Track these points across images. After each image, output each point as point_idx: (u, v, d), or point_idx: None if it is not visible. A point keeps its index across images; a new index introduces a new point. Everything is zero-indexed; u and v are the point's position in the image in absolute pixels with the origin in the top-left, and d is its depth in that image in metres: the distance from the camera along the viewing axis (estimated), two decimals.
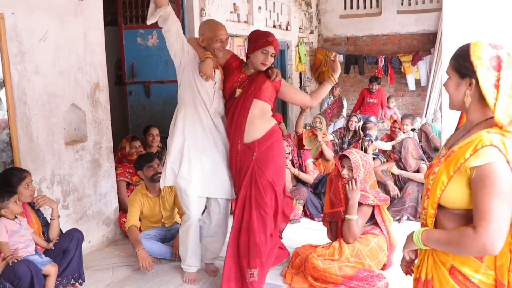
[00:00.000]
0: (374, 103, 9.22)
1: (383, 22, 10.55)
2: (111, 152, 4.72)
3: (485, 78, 1.60)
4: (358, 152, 3.76)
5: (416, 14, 10.27)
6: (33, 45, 3.78)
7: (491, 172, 1.54)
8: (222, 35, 3.40)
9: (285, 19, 9.39)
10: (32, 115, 3.81)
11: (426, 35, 10.27)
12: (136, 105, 6.50)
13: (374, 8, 10.67)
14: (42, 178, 3.93)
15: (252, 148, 3.41)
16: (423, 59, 10.07)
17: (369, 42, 10.81)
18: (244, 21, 7.78)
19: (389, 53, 10.49)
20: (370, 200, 3.60)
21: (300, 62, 10.03)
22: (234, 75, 3.51)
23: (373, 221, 3.73)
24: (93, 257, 4.29)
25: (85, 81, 4.33)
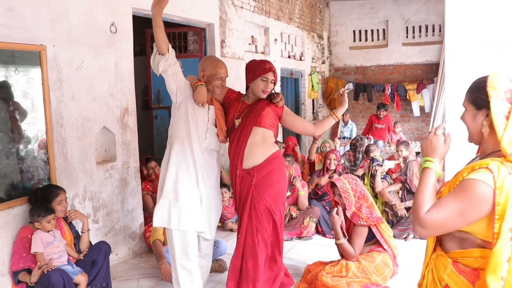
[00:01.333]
0: (381, 128, 9.20)
1: (389, 53, 10.61)
2: (138, 172, 4.79)
3: (498, 108, 1.55)
4: (346, 178, 3.79)
5: (420, 46, 10.34)
6: (70, 74, 3.90)
7: (473, 187, 1.51)
8: (223, 73, 3.32)
9: (299, 50, 9.50)
10: (67, 136, 3.91)
11: (429, 65, 10.30)
12: (161, 128, 6.59)
13: (381, 41, 10.75)
14: (75, 194, 4.01)
15: (252, 173, 3.29)
16: (427, 87, 10.11)
17: (376, 71, 10.86)
18: (262, 52, 7.89)
19: (395, 81, 10.52)
20: (362, 221, 3.63)
21: (313, 90, 10.09)
22: (233, 107, 3.42)
23: (376, 239, 3.72)
24: (120, 268, 4.32)
25: (115, 106, 4.43)
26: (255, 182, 3.26)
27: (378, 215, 3.67)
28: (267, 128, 3.33)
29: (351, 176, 3.83)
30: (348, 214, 3.65)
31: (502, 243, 1.48)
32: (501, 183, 1.49)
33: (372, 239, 3.69)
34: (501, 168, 1.51)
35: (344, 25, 10.95)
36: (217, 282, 3.96)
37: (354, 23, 10.91)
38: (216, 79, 3.30)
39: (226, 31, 6.54)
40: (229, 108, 3.44)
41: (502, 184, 1.48)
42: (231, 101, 3.46)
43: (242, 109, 3.39)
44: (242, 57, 7.13)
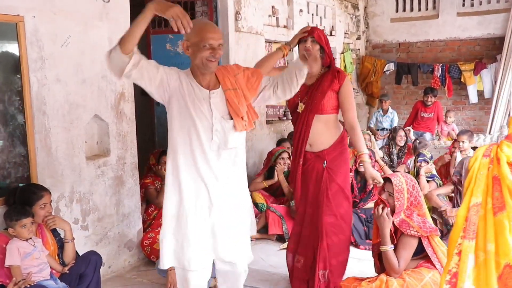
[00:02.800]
0: (429, 117, 9.06)
1: (440, 26, 10.39)
2: (136, 168, 4.77)
3: None
4: (405, 176, 3.67)
5: (479, 16, 10.05)
6: (54, 51, 3.87)
7: None
8: (212, 38, 2.79)
9: (329, 23, 9.37)
10: (51, 126, 3.89)
11: (491, 40, 10.03)
12: (163, 117, 6.51)
13: (430, 10, 10.52)
14: (60, 195, 3.99)
15: (322, 156, 3.78)
16: (488, 67, 9.83)
17: (424, 48, 10.67)
18: (284, 25, 7.79)
19: (447, 61, 10.30)
20: (413, 230, 3.49)
21: (346, 71, 9.97)
22: None
23: (425, 253, 3.61)
24: (113, 284, 4.31)
25: (109, 91, 4.40)
26: (327, 165, 3.77)
27: (432, 226, 3.55)
28: (329, 113, 3.77)
29: (410, 177, 3.71)
30: (396, 221, 3.54)
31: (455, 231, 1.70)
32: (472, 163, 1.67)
33: (421, 253, 3.58)
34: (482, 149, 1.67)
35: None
36: None
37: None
38: (203, 48, 2.79)
39: (242, 1, 6.47)
40: None
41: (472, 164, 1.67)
42: None
43: (303, 91, 3.72)
44: (261, 32, 7.05)
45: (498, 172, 1.54)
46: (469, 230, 1.54)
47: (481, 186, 1.54)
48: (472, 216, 1.53)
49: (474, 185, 1.56)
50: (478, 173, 1.56)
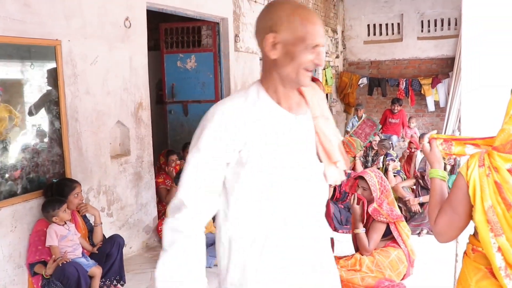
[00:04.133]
0: (396, 123, 9.11)
1: (404, 48, 10.45)
2: (152, 166, 4.80)
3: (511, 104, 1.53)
4: (373, 171, 3.74)
5: (435, 40, 10.16)
6: (85, 69, 3.91)
7: (455, 179, 1.59)
8: (319, 36, 1.44)
9: None
10: (82, 130, 3.92)
11: (444, 60, 10.13)
12: (175, 123, 6.60)
13: (396, 35, 10.59)
14: (89, 188, 4.03)
15: None
16: (442, 82, 9.92)
17: (391, 66, 10.72)
18: None
19: (410, 76, 10.37)
20: (382, 217, 3.57)
21: (327, 84, 10.01)
22: None
23: (392, 236, 3.68)
24: (134, 261, 4.34)
25: (129, 101, 4.43)
26: None
27: (398, 213, 3.62)
28: None
29: (376, 171, 3.78)
30: (370, 209, 3.61)
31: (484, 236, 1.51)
32: (470, 174, 1.53)
33: (388, 235, 3.65)
34: (475, 160, 1.54)
35: (358, 19, 10.81)
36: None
37: (368, 17, 10.77)
38: (306, 49, 1.43)
39: (240, 26, 6.50)
40: None
41: (471, 175, 1.53)
42: None
43: None
44: (256, 52, 7.08)
45: (499, 179, 1.48)
46: (496, 228, 1.48)
47: (486, 190, 1.49)
48: (492, 217, 1.48)
49: (481, 192, 1.50)
50: (481, 180, 1.50)
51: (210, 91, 6.38)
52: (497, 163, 1.49)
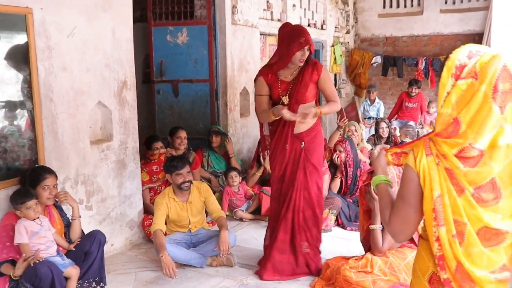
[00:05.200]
0: (413, 107, 9.06)
1: (424, 22, 10.35)
2: (137, 153, 4.76)
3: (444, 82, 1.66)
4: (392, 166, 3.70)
5: (460, 13, 10.03)
6: (60, 41, 3.84)
7: (403, 173, 1.75)
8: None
9: (320, 18, 9.32)
10: (58, 112, 3.87)
11: (471, 36, 10.02)
12: (163, 105, 6.55)
13: (415, 7, 10.48)
14: (66, 177, 3.99)
15: (301, 138, 3.93)
16: None
17: (409, 42, 10.64)
18: (278, 19, 7.75)
19: (430, 54, 10.29)
20: None
21: (335, 63, 9.95)
22: (274, 88, 3.92)
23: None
24: (116, 261, 4.33)
25: (112, 79, 4.37)
26: (305, 146, 3.94)
27: None
28: (310, 101, 3.95)
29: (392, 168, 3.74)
30: None
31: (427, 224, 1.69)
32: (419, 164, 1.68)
33: None
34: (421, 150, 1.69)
35: None
36: (224, 277, 3.94)
37: None
38: None
39: None
40: (273, 88, 3.94)
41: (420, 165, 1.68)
42: (272, 83, 3.92)
43: (285, 88, 3.91)
44: (256, 25, 7.01)
45: (449, 165, 1.63)
46: (439, 218, 1.65)
47: (435, 179, 1.63)
48: (438, 207, 1.64)
49: (430, 180, 1.64)
50: (430, 169, 1.64)
51: (203, 69, 6.33)
52: (444, 150, 1.64)
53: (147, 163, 5.16)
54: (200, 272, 4.07)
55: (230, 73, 6.46)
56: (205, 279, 3.94)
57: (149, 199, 5.03)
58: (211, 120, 6.46)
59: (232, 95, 6.57)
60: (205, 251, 4.19)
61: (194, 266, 4.13)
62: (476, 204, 1.63)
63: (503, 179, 1.62)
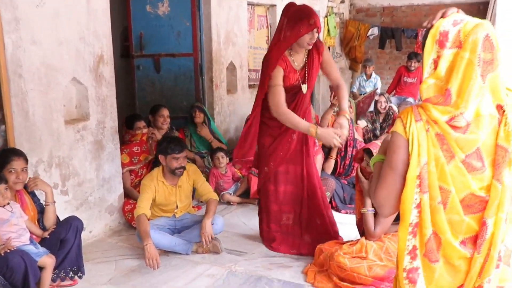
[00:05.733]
0: (412, 82, 9.05)
1: None
2: (116, 133, 4.72)
3: (428, 50, 1.72)
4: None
5: None
6: (29, 12, 3.75)
7: (390, 140, 1.80)
8: None
9: None
10: (28, 89, 3.80)
11: (475, 5, 9.98)
12: (144, 81, 6.48)
13: None
14: (38, 160, 3.94)
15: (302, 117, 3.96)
16: None
17: (408, 13, 10.60)
18: None
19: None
20: None
21: (329, 35, 9.89)
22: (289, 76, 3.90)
23: None
24: (94, 248, 4.31)
25: (87, 53, 4.30)
26: None
27: None
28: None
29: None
30: None
31: (408, 190, 1.74)
32: (409, 131, 1.73)
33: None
34: (409, 116, 1.74)
35: None
36: (211, 264, 3.94)
37: None
38: None
39: None
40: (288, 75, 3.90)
41: (409, 131, 1.73)
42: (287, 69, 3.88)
43: (303, 75, 3.96)
44: None
45: (441, 130, 1.69)
46: (424, 185, 1.71)
47: (423, 145, 1.70)
48: (424, 173, 1.71)
49: (419, 146, 1.70)
50: (419, 135, 1.70)
51: (187, 42, 6.26)
52: (435, 116, 1.70)
53: (128, 144, 5.11)
54: (186, 259, 4.07)
55: (215, 46, 6.39)
56: (190, 266, 3.94)
57: (129, 183, 5.00)
58: (196, 97, 6.41)
59: (218, 71, 6.51)
60: (190, 237, 4.18)
61: (179, 253, 4.13)
62: (465, 170, 1.70)
63: (486, 148, 1.71)
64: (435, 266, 1.78)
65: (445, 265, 1.78)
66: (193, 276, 3.80)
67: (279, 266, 3.93)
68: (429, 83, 1.71)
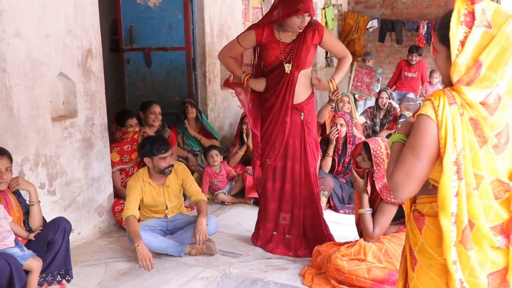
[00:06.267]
0: (413, 77, 9.08)
1: None
2: (106, 130, 4.71)
3: (455, 32, 1.72)
4: (384, 141, 3.71)
5: None
6: (13, 3, 3.73)
7: (416, 123, 1.79)
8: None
9: None
10: (12, 84, 3.78)
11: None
12: (134, 75, 6.47)
13: None
14: (24, 158, 3.92)
15: (300, 108, 4.06)
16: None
17: (409, 4, 10.64)
18: None
19: (433, 17, 10.30)
20: (392, 197, 3.54)
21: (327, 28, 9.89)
22: (273, 48, 3.96)
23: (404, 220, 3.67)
24: (83, 251, 4.31)
25: (75, 47, 4.29)
26: (304, 117, 4.07)
27: None
28: (308, 67, 4.06)
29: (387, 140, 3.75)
30: (378, 186, 3.58)
31: (446, 178, 1.72)
32: (441, 114, 1.72)
33: (401, 217, 3.64)
34: (442, 98, 1.73)
35: None
36: (205, 267, 3.95)
37: None
38: None
39: None
40: (269, 50, 3.98)
41: (442, 114, 1.72)
42: (268, 42, 3.96)
43: (287, 49, 3.96)
44: None
45: (475, 114, 1.71)
46: (461, 171, 1.71)
47: (459, 130, 1.70)
48: (460, 159, 1.71)
49: (454, 131, 1.70)
50: (454, 119, 1.70)
51: (179, 35, 6.25)
52: (469, 98, 1.71)
53: (118, 142, 5.10)
54: (178, 261, 4.07)
55: (209, 40, 6.39)
56: (183, 269, 3.94)
57: (120, 182, 4.99)
58: (188, 93, 6.41)
59: (212, 65, 6.51)
60: (183, 238, 4.18)
61: (172, 255, 4.13)
62: (495, 156, 1.74)
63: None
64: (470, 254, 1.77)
65: (478, 254, 1.79)
66: (186, 279, 3.80)
67: (276, 268, 3.93)
68: (459, 63, 1.71)
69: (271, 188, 4.19)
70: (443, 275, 1.84)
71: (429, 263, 1.89)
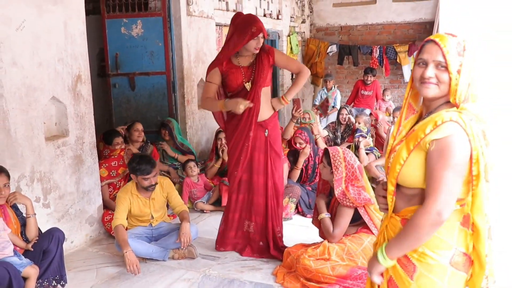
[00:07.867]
0: (368, 95, 9.22)
1: (378, 11, 10.55)
2: (94, 148, 4.69)
3: (454, 65, 1.77)
4: (343, 149, 3.77)
5: (412, 2, 10.28)
6: (9, 35, 3.72)
7: (449, 144, 1.70)
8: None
9: (276, 8, 9.35)
10: (9, 108, 3.76)
11: (422, 24, 10.29)
12: (120, 98, 6.45)
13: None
14: (21, 175, 3.89)
15: (264, 125, 4.03)
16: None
17: (363, 31, 10.82)
18: (233, 9, 7.73)
19: (384, 43, 10.51)
20: (348, 201, 3.59)
21: (292, 53, 10.01)
22: (234, 73, 3.95)
23: (363, 220, 3.72)
24: (76, 258, 4.26)
25: (65, 73, 4.28)
26: (268, 133, 4.05)
27: (366, 196, 3.64)
28: (268, 85, 4.05)
29: (348, 151, 3.80)
30: (337, 192, 3.62)
31: (482, 184, 1.73)
32: (471, 130, 1.71)
33: (359, 219, 3.70)
34: (464, 117, 1.73)
35: None
36: (187, 269, 3.95)
37: None
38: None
39: None
40: (230, 76, 3.96)
41: (471, 130, 1.71)
42: (228, 69, 3.96)
43: (248, 74, 3.97)
44: (211, 16, 6.98)
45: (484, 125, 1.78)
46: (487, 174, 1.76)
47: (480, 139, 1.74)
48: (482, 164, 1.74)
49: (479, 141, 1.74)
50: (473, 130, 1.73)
51: (159, 61, 6.27)
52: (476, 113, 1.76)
53: (106, 159, 5.08)
54: (163, 265, 4.06)
55: (186, 65, 6.42)
56: (167, 272, 3.94)
57: (108, 195, 4.96)
58: (169, 113, 6.42)
59: (189, 87, 6.53)
60: (166, 244, 4.18)
61: (156, 260, 4.12)
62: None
63: None
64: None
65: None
66: (170, 281, 3.79)
67: (251, 268, 3.96)
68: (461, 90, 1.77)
69: (235, 199, 4.17)
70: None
71: None
